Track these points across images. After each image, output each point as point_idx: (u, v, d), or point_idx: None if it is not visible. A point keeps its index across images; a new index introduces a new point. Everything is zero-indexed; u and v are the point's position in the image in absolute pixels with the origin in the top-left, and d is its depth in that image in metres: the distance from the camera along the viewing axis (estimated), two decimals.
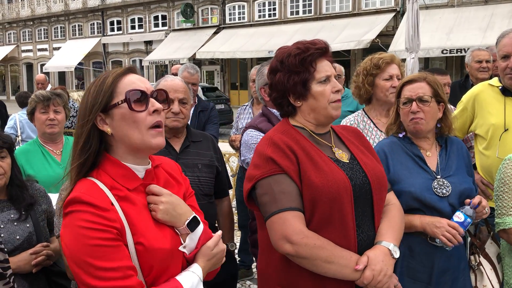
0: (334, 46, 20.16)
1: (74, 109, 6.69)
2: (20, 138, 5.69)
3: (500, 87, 3.23)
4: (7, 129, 5.80)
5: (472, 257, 2.61)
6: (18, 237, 2.40)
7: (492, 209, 3.14)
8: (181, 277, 1.60)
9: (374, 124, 3.22)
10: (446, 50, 17.78)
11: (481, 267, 2.58)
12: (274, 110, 2.92)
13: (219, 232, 1.76)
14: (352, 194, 1.97)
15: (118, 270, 1.45)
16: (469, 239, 2.64)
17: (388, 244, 1.98)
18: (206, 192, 2.84)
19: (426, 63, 20.41)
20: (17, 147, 5.44)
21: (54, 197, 2.75)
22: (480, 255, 2.61)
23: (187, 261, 1.69)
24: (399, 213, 2.18)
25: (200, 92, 7.53)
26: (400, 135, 2.64)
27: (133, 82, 1.61)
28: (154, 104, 1.60)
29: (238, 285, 5.03)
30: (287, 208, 1.90)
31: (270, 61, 3.02)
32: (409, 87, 2.57)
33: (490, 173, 3.20)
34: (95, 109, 1.57)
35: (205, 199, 2.81)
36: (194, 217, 1.68)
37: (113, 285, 1.44)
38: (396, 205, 2.20)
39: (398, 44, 17.77)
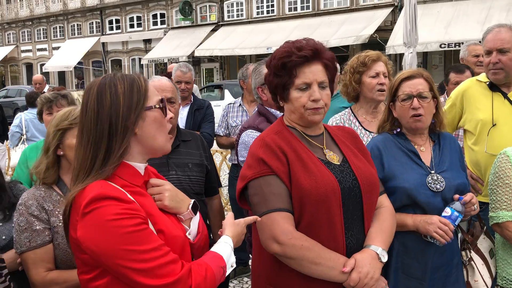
0: (333, 42, 20.14)
1: None
2: (25, 136, 5.79)
3: (487, 83, 3.25)
4: (13, 127, 5.94)
5: (463, 253, 2.62)
6: (4, 237, 2.40)
7: (482, 203, 3.18)
8: (217, 248, 1.68)
9: (359, 123, 3.23)
10: (444, 44, 17.72)
11: (472, 262, 2.60)
12: (273, 110, 2.93)
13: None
14: (340, 197, 1.98)
15: (159, 249, 1.51)
16: (459, 234, 2.65)
17: (376, 248, 2.00)
18: (197, 191, 2.86)
19: (425, 58, 20.36)
20: (22, 145, 5.52)
21: None
22: (472, 251, 2.63)
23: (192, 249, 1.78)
24: (390, 216, 2.18)
25: (196, 91, 7.53)
26: (395, 131, 2.65)
27: (155, 89, 1.73)
28: (169, 112, 1.73)
29: (235, 281, 5.09)
30: (276, 209, 1.93)
31: (267, 59, 3.05)
32: (409, 83, 2.56)
33: (478, 168, 3.22)
34: (136, 111, 1.61)
35: (196, 198, 2.84)
36: (194, 201, 1.78)
37: (159, 263, 1.49)
38: (388, 208, 2.21)
39: (396, 39, 17.73)
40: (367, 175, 2.10)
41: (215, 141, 5.15)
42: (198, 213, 1.79)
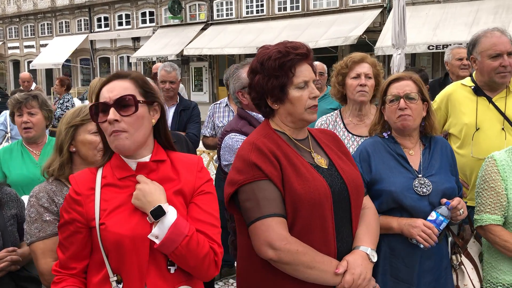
0: (322, 42, 20.17)
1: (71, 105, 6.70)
2: (9, 134, 5.71)
3: (472, 87, 3.26)
4: None
5: (454, 257, 2.64)
6: None
7: (468, 207, 3.19)
8: None
9: (344, 125, 3.23)
10: (433, 46, 17.82)
11: (462, 266, 2.62)
12: (254, 113, 2.89)
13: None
14: (332, 201, 1.98)
15: (64, 246, 1.84)
16: (450, 238, 2.66)
17: (366, 249, 2.01)
18: None
19: (413, 59, 20.46)
20: (5, 143, 5.47)
21: (26, 199, 2.71)
22: (462, 255, 2.65)
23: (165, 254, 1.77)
24: (374, 216, 2.21)
25: (182, 90, 7.48)
26: (385, 135, 2.66)
27: (103, 93, 1.82)
28: (101, 116, 1.80)
29: (221, 283, 5.06)
30: (271, 214, 1.92)
31: (244, 64, 3.03)
32: (396, 84, 2.59)
33: (464, 171, 3.23)
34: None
35: None
36: (159, 206, 1.74)
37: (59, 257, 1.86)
38: (371, 209, 2.23)
39: (385, 40, 17.79)
40: (354, 178, 2.11)
41: (201, 142, 5.11)
42: (167, 219, 1.74)
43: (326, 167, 2.08)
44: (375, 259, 2.02)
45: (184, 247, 1.73)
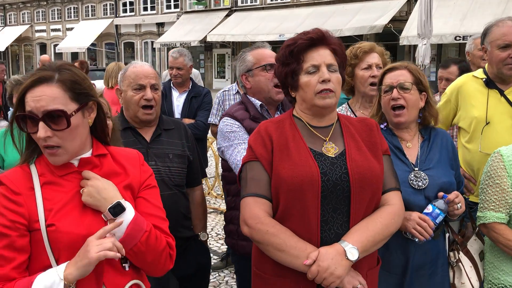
0: (346, 31, 19.89)
1: None
2: None
3: (484, 79, 3.13)
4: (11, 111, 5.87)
5: (451, 254, 2.56)
6: None
7: (474, 203, 3.09)
8: (40, 275, 1.58)
9: None
10: (460, 36, 17.39)
11: (460, 264, 2.53)
12: (253, 99, 2.86)
13: (109, 227, 1.64)
14: (319, 189, 1.93)
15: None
16: (447, 234, 2.58)
17: (346, 245, 1.91)
18: (178, 183, 2.79)
19: (439, 50, 20.05)
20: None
21: None
22: (460, 252, 2.56)
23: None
24: (388, 215, 2.04)
25: (198, 77, 7.43)
26: (382, 126, 2.59)
27: (28, 100, 1.62)
28: (40, 131, 1.61)
29: (226, 271, 5.05)
30: (252, 193, 1.99)
31: (253, 47, 2.97)
32: (390, 74, 2.54)
33: (471, 166, 3.12)
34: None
35: (176, 189, 2.77)
36: (118, 203, 1.67)
37: None
38: (392, 207, 2.07)
39: (411, 30, 17.45)
40: (363, 169, 2.01)
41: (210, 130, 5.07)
42: (126, 216, 1.67)
43: (333, 155, 2.03)
44: (353, 257, 1.89)
45: (143, 243, 1.69)
